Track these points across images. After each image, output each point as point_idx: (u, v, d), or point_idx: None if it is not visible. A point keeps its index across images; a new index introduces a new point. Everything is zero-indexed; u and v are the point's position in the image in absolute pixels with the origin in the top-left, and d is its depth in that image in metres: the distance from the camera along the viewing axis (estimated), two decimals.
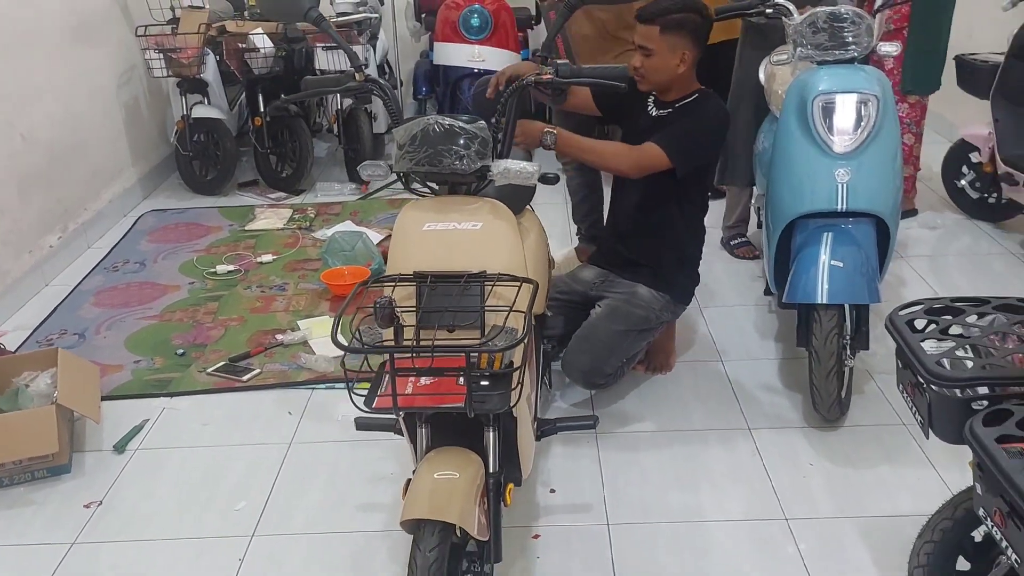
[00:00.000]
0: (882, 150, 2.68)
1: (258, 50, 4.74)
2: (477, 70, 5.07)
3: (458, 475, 1.87)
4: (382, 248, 3.99)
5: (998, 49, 3.91)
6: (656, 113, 2.81)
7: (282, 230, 4.51)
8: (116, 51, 4.81)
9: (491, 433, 1.99)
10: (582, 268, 3.07)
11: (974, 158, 4.15)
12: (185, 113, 4.87)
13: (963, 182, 4.24)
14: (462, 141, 2.07)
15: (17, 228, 3.85)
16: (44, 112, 4.09)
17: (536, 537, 2.38)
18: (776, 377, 3.08)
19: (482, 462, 1.96)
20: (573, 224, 3.88)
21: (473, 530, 1.81)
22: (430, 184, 2.23)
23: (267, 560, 2.36)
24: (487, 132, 2.11)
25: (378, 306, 1.82)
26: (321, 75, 4.75)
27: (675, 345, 3.17)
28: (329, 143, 5.74)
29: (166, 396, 3.09)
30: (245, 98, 5.08)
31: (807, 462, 2.64)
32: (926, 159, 4.39)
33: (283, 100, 4.88)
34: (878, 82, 2.71)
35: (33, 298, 3.87)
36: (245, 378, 3.17)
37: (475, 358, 1.87)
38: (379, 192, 4.98)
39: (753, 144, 3.53)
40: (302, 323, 3.51)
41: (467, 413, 1.81)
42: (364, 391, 1.88)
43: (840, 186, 2.65)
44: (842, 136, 2.67)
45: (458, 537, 1.84)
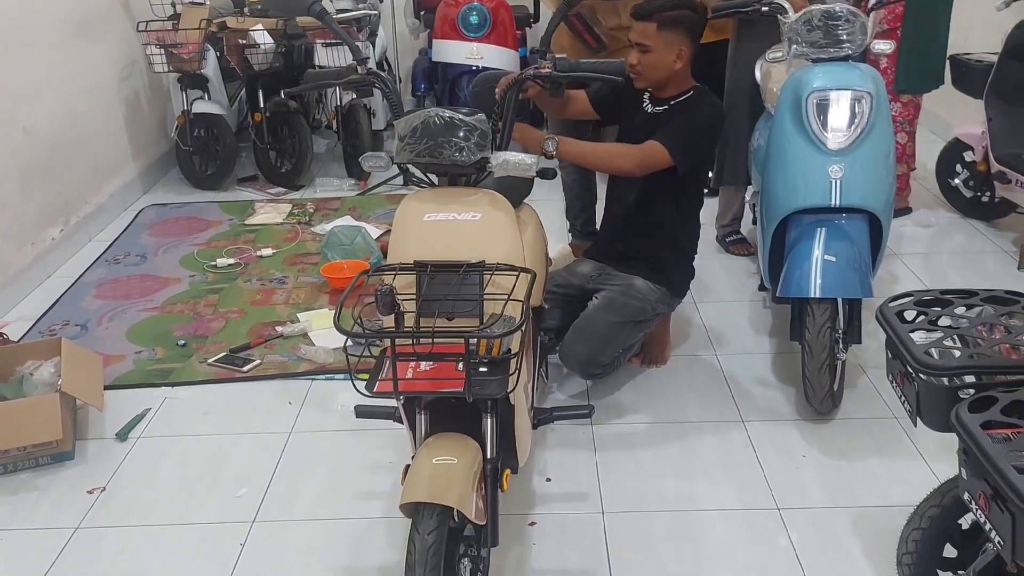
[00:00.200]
0: (875, 147, 2.71)
1: (258, 46, 4.76)
2: (476, 67, 5.08)
3: (456, 460, 1.89)
4: (381, 243, 4.02)
5: (994, 49, 3.95)
6: (652, 110, 2.84)
7: (282, 225, 4.53)
8: (117, 46, 4.84)
9: (489, 419, 2.01)
10: (579, 262, 3.11)
11: (968, 157, 4.18)
12: (185, 108, 4.89)
13: (957, 181, 4.27)
14: (462, 133, 2.10)
15: (19, 221, 3.88)
16: (46, 107, 4.11)
17: (532, 524, 2.42)
18: (769, 371, 3.12)
19: (480, 448, 1.99)
20: (567, 221, 3.91)
21: (471, 514, 1.84)
22: (430, 175, 2.27)
23: (268, 545, 2.39)
24: (486, 125, 2.14)
25: (379, 293, 1.86)
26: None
27: (670, 339, 3.20)
28: (328, 139, 5.77)
29: (168, 386, 3.12)
30: (245, 94, 5.11)
31: (800, 454, 2.68)
32: (921, 157, 4.42)
33: (286, 92, 4.92)
34: (872, 80, 2.74)
35: (35, 290, 3.90)
36: (246, 369, 3.20)
37: (474, 344, 1.90)
38: (378, 188, 5.00)
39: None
40: (302, 315, 3.54)
41: (466, 398, 1.84)
42: (364, 381, 1.91)
43: (834, 182, 2.68)
44: (836, 133, 2.69)
45: (456, 521, 1.86)
